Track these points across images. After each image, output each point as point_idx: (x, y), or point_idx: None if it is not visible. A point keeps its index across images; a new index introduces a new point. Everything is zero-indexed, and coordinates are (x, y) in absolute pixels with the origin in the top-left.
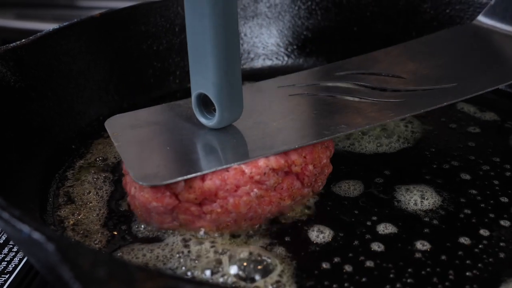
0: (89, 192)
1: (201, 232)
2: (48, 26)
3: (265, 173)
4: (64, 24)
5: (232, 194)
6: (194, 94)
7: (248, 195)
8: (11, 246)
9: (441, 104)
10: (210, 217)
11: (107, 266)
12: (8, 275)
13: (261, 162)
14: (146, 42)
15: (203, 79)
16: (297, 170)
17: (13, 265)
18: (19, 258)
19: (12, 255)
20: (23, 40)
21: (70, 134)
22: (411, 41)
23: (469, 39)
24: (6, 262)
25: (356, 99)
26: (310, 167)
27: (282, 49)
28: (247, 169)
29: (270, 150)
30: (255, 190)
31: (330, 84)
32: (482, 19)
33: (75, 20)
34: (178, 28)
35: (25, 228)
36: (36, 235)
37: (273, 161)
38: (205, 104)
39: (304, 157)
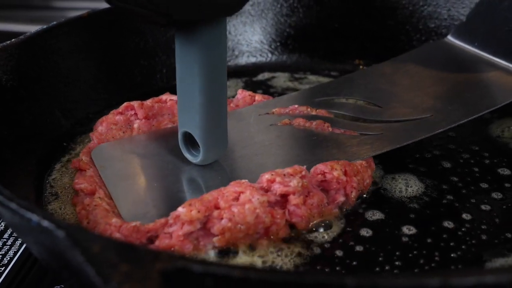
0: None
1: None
2: (25, 28)
3: (284, 175)
4: (53, 23)
5: (235, 204)
6: (180, 132)
7: (250, 202)
8: (5, 240)
9: (415, 138)
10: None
11: (117, 249)
12: (4, 267)
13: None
14: (133, 41)
15: (189, 119)
16: (339, 174)
17: (8, 258)
18: (14, 251)
19: (6, 248)
20: (13, 39)
21: (61, 132)
22: (387, 62)
23: (443, 59)
24: (1, 256)
25: (336, 131)
26: (355, 179)
27: (266, 46)
28: (267, 174)
29: None
30: (257, 196)
31: (309, 112)
32: (452, 38)
33: (63, 19)
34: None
35: (34, 217)
36: (46, 223)
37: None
38: (191, 141)
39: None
